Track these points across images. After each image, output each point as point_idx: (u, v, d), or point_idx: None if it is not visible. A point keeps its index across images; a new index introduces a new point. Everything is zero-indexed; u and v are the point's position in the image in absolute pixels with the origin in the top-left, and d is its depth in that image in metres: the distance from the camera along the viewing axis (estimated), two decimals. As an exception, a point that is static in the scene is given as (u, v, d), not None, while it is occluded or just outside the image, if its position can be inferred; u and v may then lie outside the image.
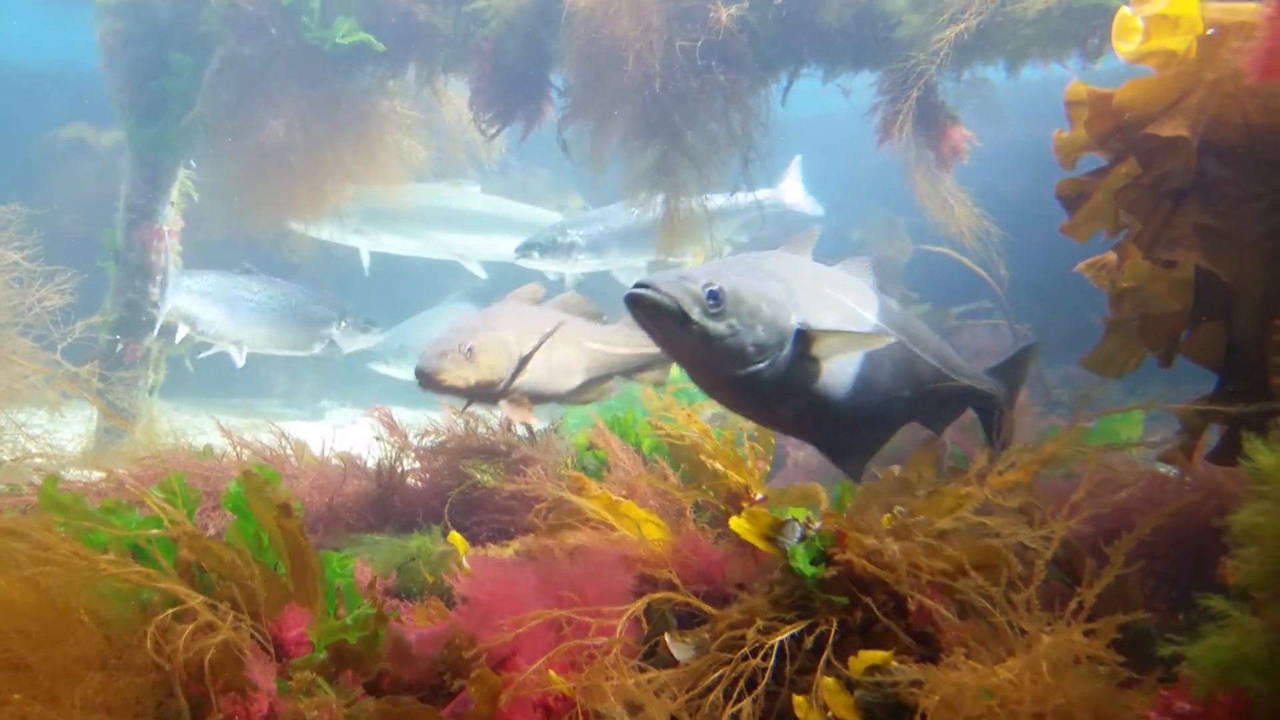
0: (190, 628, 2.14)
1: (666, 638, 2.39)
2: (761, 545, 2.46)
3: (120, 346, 7.37)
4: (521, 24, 5.95)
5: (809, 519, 2.48)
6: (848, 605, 2.26)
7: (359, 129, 7.26)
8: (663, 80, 5.53)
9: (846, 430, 3.07)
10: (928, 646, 2.25)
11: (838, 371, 2.85)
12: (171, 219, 7.66)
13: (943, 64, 5.18)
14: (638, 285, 2.54)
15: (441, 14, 6.24)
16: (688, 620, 2.60)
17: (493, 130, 6.40)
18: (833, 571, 2.28)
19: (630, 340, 4.41)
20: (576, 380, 4.16)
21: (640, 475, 3.39)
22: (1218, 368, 3.17)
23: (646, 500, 3.25)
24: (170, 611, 2.18)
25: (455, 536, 3.10)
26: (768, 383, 2.70)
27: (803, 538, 2.38)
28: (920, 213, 6.63)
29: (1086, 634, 2.01)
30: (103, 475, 3.72)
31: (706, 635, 2.37)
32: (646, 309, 2.55)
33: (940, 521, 2.32)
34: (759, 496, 3.21)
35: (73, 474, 3.98)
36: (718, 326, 2.57)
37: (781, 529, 2.43)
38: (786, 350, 2.69)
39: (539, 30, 5.93)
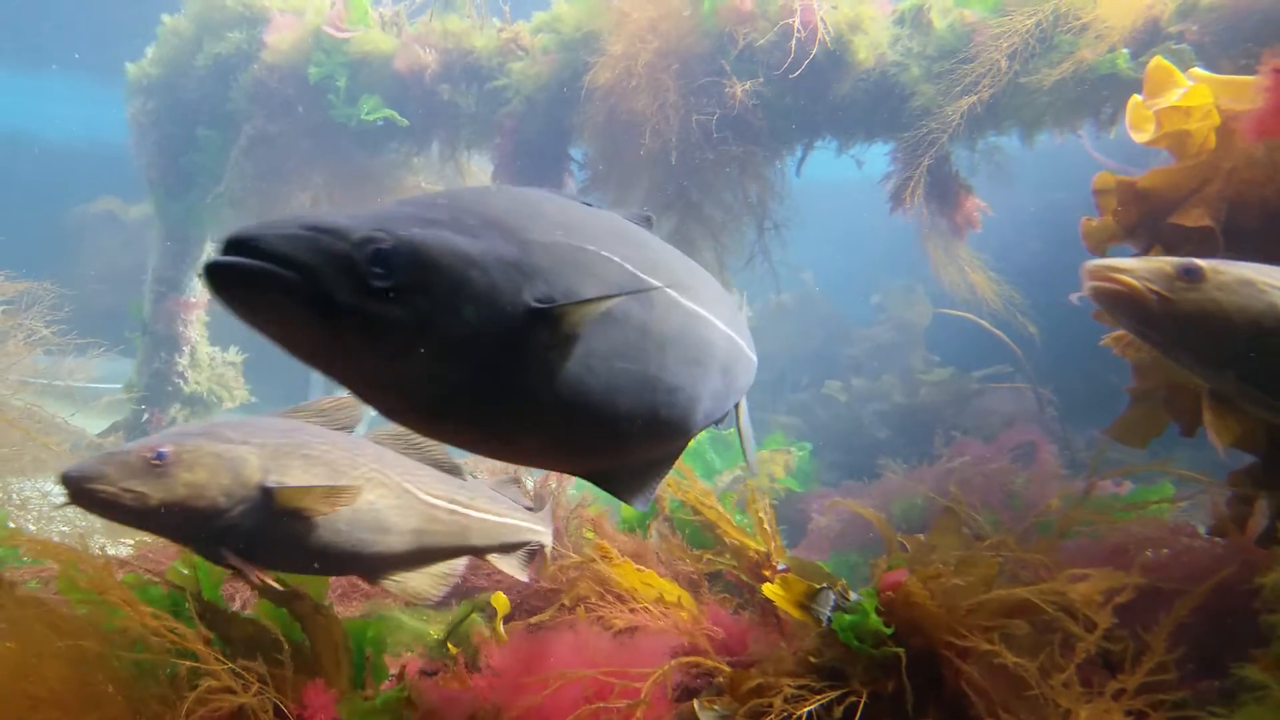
0: (205, 684, 2.14)
1: (695, 704, 2.36)
2: (794, 612, 2.43)
3: (146, 416, 7.45)
4: (542, 101, 6.11)
5: (844, 587, 2.45)
6: (883, 673, 2.23)
7: (383, 202, 7.37)
8: (679, 153, 5.64)
9: (624, 451, 2.08)
10: (960, 718, 2.22)
11: (603, 368, 1.82)
12: (198, 291, 7.81)
13: (955, 133, 5.27)
14: (230, 240, 1.46)
15: (464, 93, 6.41)
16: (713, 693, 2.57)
17: (514, 203, 6.50)
18: (890, 626, 2.25)
19: (493, 506, 2.97)
20: (393, 542, 2.70)
21: (653, 545, 3.39)
22: (1259, 453, 3.10)
23: (657, 568, 3.24)
24: (186, 665, 2.19)
25: (499, 598, 3.10)
26: (490, 395, 1.71)
27: (836, 605, 2.36)
28: (936, 277, 6.68)
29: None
30: (130, 546, 3.75)
31: (735, 704, 2.35)
32: (238, 290, 1.47)
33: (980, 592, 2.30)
34: (781, 566, 3.19)
35: (99, 541, 4.01)
36: (392, 312, 1.56)
37: (816, 597, 2.41)
38: (527, 338, 1.69)
39: (559, 107, 6.09)
